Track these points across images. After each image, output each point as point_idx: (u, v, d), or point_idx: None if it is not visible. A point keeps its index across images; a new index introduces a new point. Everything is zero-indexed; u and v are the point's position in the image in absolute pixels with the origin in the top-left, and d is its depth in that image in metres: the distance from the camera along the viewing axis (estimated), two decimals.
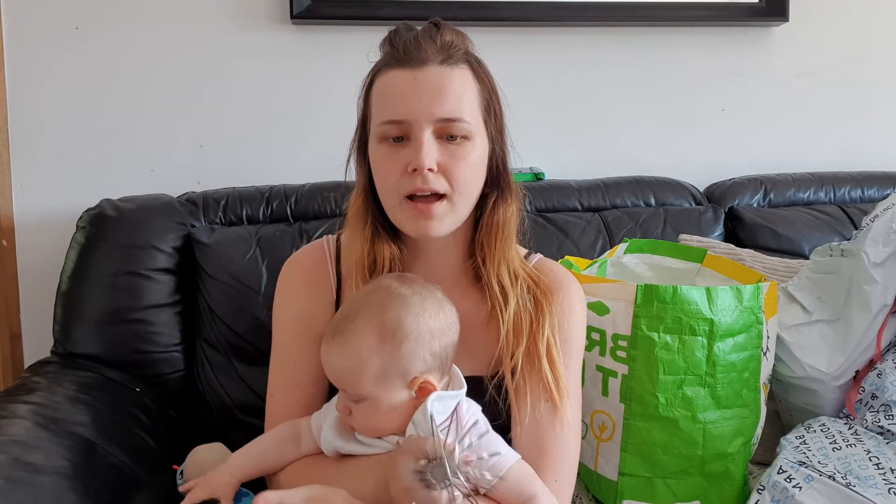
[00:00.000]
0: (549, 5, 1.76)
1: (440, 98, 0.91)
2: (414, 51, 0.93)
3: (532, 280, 1.00)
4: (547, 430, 0.95)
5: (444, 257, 1.02)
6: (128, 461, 1.15)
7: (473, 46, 1.00)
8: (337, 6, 1.70)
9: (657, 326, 1.15)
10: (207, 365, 1.44)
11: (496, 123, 0.98)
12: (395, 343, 0.84)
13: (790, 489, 1.08)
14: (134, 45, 1.69)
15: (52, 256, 1.58)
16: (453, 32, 0.97)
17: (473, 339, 0.97)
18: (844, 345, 1.27)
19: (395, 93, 0.93)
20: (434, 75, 0.92)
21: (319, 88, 1.73)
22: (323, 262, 1.05)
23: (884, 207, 1.32)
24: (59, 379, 1.30)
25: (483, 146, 0.96)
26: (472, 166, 0.94)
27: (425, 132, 0.91)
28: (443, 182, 0.92)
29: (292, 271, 1.07)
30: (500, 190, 0.99)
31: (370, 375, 0.84)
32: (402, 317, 0.85)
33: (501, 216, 0.99)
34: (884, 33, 1.95)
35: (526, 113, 1.80)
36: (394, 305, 0.86)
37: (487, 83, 0.97)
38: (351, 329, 0.86)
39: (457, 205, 0.94)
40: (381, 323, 0.85)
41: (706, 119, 1.89)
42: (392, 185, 0.93)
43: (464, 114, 0.92)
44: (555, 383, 0.95)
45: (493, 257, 0.99)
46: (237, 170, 1.72)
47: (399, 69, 0.93)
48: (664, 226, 1.62)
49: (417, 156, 0.90)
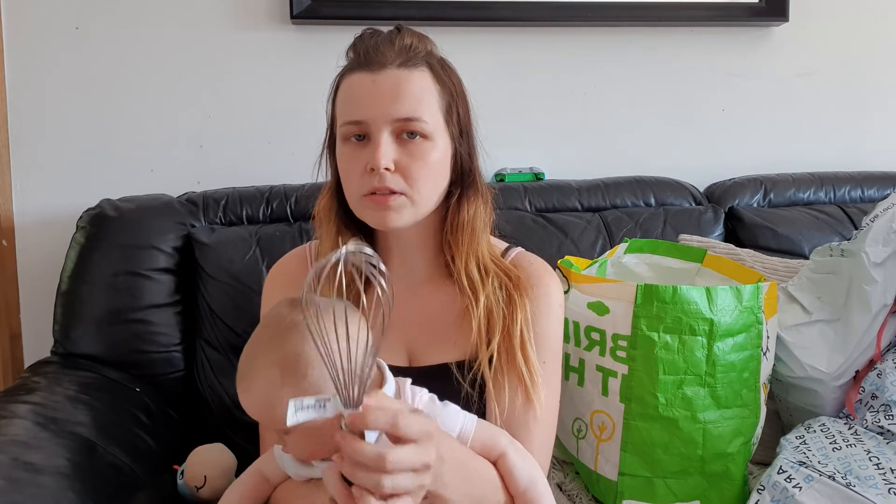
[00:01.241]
0: (549, 5, 1.76)
1: (398, 99, 0.93)
2: (374, 54, 0.96)
3: (505, 274, 1.02)
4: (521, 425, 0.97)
5: (415, 254, 1.04)
6: (128, 461, 1.15)
7: (437, 49, 1.02)
8: (337, 6, 1.70)
9: (657, 326, 1.15)
10: (207, 365, 1.44)
11: (459, 124, 1.00)
12: (300, 374, 0.80)
13: (790, 489, 1.08)
14: (134, 45, 1.69)
15: (52, 256, 1.58)
16: (414, 36, 0.99)
17: (448, 333, 1.00)
18: (844, 345, 1.27)
19: (355, 94, 0.96)
20: (392, 77, 0.94)
21: (319, 88, 1.71)
22: (304, 266, 1.07)
23: (884, 207, 1.32)
24: (59, 379, 1.30)
25: (444, 146, 0.98)
26: (431, 165, 0.96)
27: (383, 133, 0.93)
28: (399, 181, 0.94)
29: (275, 278, 1.09)
30: (465, 188, 1.01)
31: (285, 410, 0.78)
32: (298, 347, 0.80)
33: (466, 214, 1.00)
34: (884, 33, 1.95)
35: (526, 113, 1.83)
36: (289, 336, 0.81)
37: (450, 85, 0.99)
38: (252, 372, 0.82)
39: (416, 201, 0.96)
40: (280, 358, 0.80)
41: (706, 119, 1.90)
42: (354, 183, 0.96)
43: (421, 114, 0.94)
44: (529, 377, 0.97)
45: (460, 254, 1.01)
46: (237, 170, 1.72)
47: (360, 72, 0.96)
48: (664, 226, 1.62)
49: (374, 156, 0.93)
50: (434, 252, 1.04)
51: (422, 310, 1.02)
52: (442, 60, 1.01)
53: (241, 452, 1.27)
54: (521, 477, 0.90)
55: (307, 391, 0.79)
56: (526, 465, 0.91)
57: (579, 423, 1.24)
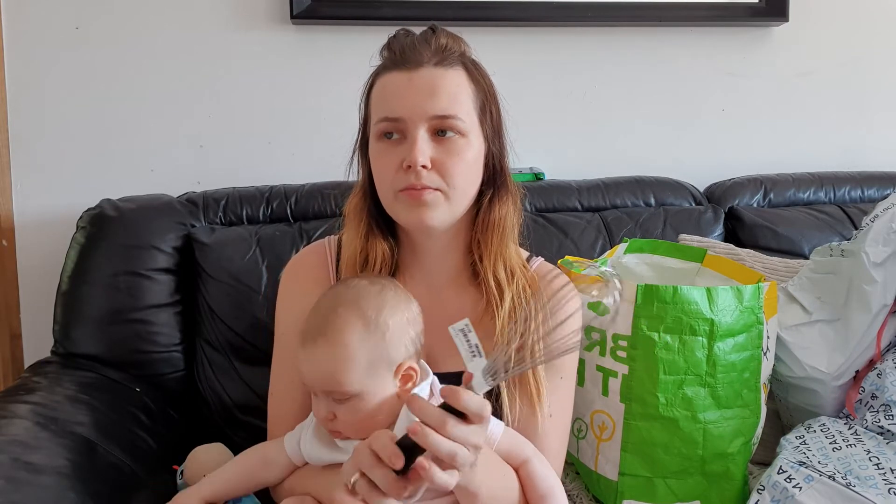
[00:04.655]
0: (549, 5, 1.76)
1: (434, 96, 0.94)
2: (410, 53, 0.96)
3: (527, 280, 1.02)
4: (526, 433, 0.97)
5: (442, 256, 1.04)
6: (128, 461, 1.15)
7: (470, 50, 1.02)
8: (337, 6, 1.70)
9: (657, 326, 1.15)
10: (207, 365, 1.44)
11: (492, 123, 1.00)
12: (380, 332, 0.87)
13: (790, 489, 1.08)
14: (134, 46, 1.68)
15: (52, 256, 1.58)
16: (449, 36, 1.00)
17: None
18: (844, 345, 1.27)
19: (391, 92, 0.96)
20: (428, 75, 0.95)
21: (319, 88, 1.73)
22: (324, 262, 1.07)
23: (884, 207, 1.32)
24: (59, 379, 1.30)
25: (478, 145, 0.98)
26: (467, 163, 0.96)
27: (419, 129, 0.93)
28: (436, 178, 0.94)
29: (294, 272, 1.09)
30: (497, 188, 1.01)
31: (360, 368, 0.86)
32: (380, 307, 0.88)
33: (497, 214, 1.01)
34: (884, 33, 1.94)
35: (526, 113, 1.80)
36: (370, 299, 0.89)
37: (483, 85, 1.00)
38: (334, 326, 0.87)
39: (451, 199, 0.96)
40: (364, 315, 0.87)
41: (706, 119, 1.89)
42: (388, 180, 0.96)
43: (457, 111, 0.94)
44: (535, 386, 0.97)
45: (489, 254, 1.01)
46: (237, 170, 1.72)
47: (396, 71, 0.96)
48: (664, 226, 1.62)
49: (411, 153, 0.93)
50: (461, 255, 1.04)
51: (443, 314, 1.01)
52: (475, 61, 1.01)
53: (240, 452, 1.27)
54: (540, 485, 0.93)
55: (383, 351, 0.86)
56: (549, 476, 0.94)
57: (579, 423, 1.24)
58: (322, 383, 0.88)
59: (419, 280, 1.03)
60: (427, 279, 1.03)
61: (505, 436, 0.92)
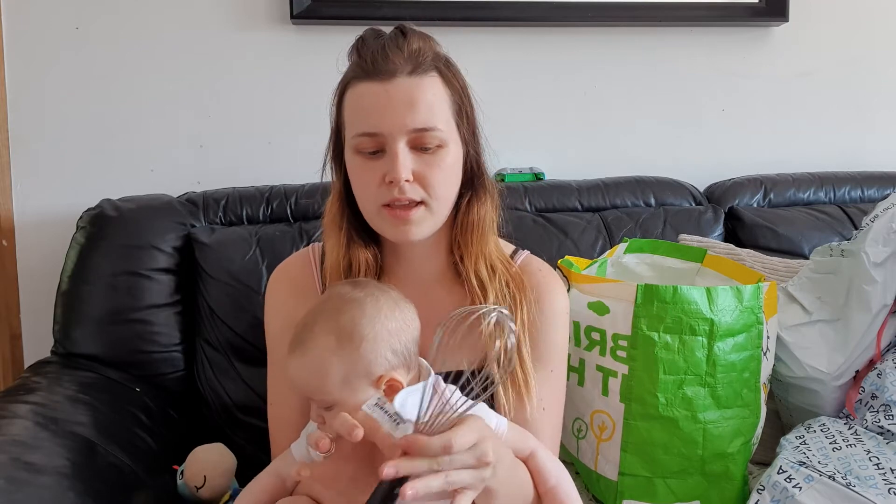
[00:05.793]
0: (549, 5, 1.76)
1: (412, 110, 0.93)
2: (382, 62, 0.94)
3: (509, 275, 1.02)
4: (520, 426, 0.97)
5: (425, 259, 1.04)
6: (128, 461, 1.15)
7: (441, 48, 1.01)
8: (337, 6, 1.70)
9: (657, 326, 1.15)
10: (207, 365, 1.44)
11: (468, 125, 1.00)
12: (353, 345, 0.85)
13: (790, 489, 1.08)
14: (134, 45, 1.69)
15: (52, 256, 1.58)
16: (420, 38, 0.98)
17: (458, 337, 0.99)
18: (844, 345, 1.27)
19: (367, 106, 0.94)
20: (404, 87, 0.93)
21: (319, 88, 1.70)
22: (308, 269, 1.06)
23: (884, 207, 1.32)
24: (59, 379, 1.30)
25: (457, 150, 0.98)
26: (447, 171, 0.96)
27: (399, 144, 0.92)
28: (419, 190, 0.94)
29: (279, 281, 1.08)
30: (475, 189, 1.02)
31: (334, 380, 0.85)
32: (356, 319, 0.87)
33: (476, 215, 1.01)
34: (884, 34, 1.94)
35: (526, 113, 1.83)
36: (347, 309, 0.87)
37: (457, 86, 0.99)
38: (310, 338, 0.87)
39: (434, 210, 0.96)
40: (338, 327, 0.86)
41: (706, 119, 1.89)
42: (370, 195, 0.96)
43: (436, 122, 0.94)
44: (523, 378, 0.98)
45: (470, 254, 1.01)
46: (237, 170, 1.71)
47: (370, 82, 0.94)
48: (664, 226, 1.62)
49: (393, 168, 0.92)
50: (443, 255, 1.04)
51: (433, 313, 1.00)
52: (447, 60, 1.00)
53: (240, 452, 1.28)
54: (549, 475, 0.94)
55: (357, 364, 0.85)
56: (555, 465, 0.96)
57: (579, 423, 1.24)
58: (304, 391, 0.89)
59: (406, 281, 1.03)
60: (413, 280, 1.03)
61: (510, 431, 0.93)
